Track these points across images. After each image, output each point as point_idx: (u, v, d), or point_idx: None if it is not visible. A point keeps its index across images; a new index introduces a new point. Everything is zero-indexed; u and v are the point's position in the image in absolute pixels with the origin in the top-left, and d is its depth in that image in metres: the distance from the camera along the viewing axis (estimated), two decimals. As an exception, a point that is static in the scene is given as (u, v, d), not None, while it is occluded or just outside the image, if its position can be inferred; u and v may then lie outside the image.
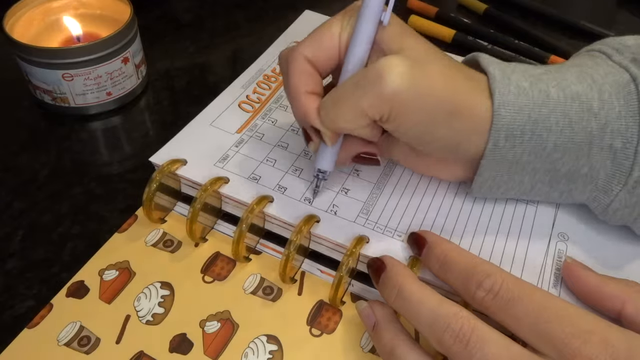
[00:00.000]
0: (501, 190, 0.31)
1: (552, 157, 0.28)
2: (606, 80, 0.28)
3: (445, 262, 0.27)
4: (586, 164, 0.28)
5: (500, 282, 0.24)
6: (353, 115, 0.27)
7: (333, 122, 0.28)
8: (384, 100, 0.26)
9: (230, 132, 0.36)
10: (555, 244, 0.31)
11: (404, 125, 0.27)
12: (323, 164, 0.31)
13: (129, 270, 0.31)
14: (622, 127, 0.27)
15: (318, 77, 0.29)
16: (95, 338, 0.28)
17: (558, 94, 0.27)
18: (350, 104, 0.27)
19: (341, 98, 0.27)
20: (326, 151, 0.30)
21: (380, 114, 0.26)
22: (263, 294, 0.30)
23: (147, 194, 0.32)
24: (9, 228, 0.34)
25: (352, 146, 0.31)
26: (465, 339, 0.23)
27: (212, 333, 0.29)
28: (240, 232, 0.30)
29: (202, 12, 0.53)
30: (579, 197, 0.31)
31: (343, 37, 0.29)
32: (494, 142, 0.27)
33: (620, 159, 0.28)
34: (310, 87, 0.29)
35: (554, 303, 0.24)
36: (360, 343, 0.29)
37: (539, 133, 0.27)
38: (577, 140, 0.28)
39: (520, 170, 0.29)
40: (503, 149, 0.28)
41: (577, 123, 0.27)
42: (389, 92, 0.25)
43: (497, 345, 0.23)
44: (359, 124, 0.28)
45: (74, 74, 0.38)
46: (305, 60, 0.29)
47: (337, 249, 0.31)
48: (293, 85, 0.29)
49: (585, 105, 0.27)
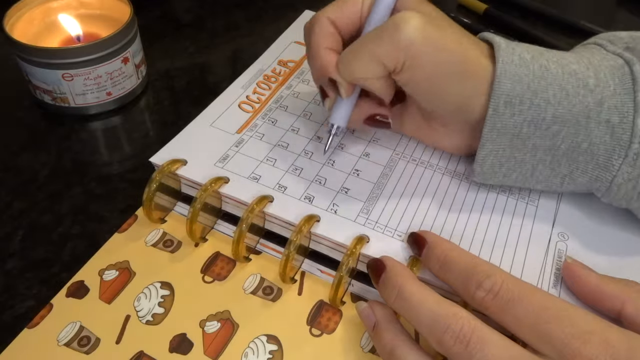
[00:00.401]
0: (503, 170, 0.31)
1: (551, 130, 0.29)
2: (602, 64, 0.29)
3: (445, 262, 0.27)
4: (585, 139, 0.29)
5: (500, 283, 0.24)
6: (369, 63, 0.29)
7: (350, 72, 0.30)
8: (399, 49, 0.28)
9: (230, 132, 0.36)
10: (555, 243, 0.31)
11: (416, 77, 0.29)
12: (337, 119, 0.32)
13: (129, 270, 0.31)
14: (617, 103, 0.28)
15: (338, 37, 0.31)
16: (95, 338, 0.28)
17: (557, 70, 0.29)
18: (367, 52, 0.29)
19: (359, 47, 0.29)
20: (341, 107, 0.32)
21: (395, 63, 0.28)
22: (263, 294, 0.30)
23: (147, 194, 0.32)
24: (9, 228, 0.34)
25: (366, 107, 0.33)
26: (465, 339, 0.23)
27: (212, 333, 0.29)
28: (240, 232, 0.30)
29: (202, 12, 0.53)
30: (581, 179, 0.31)
31: (366, 3, 0.31)
32: (494, 108, 0.28)
33: (619, 134, 0.28)
34: (329, 44, 0.31)
35: (554, 303, 0.24)
36: (360, 343, 0.29)
37: (537, 103, 0.28)
38: (575, 113, 0.28)
39: (521, 147, 0.30)
40: (503, 115, 0.28)
41: (574, 97, 0.28)
42: (404, 41, 0.27)
43: (497, 346, 0.23)
44: (374, 74, 0.29)
45: (74, 74, 0.38)
46: (328, 21, 0.31)
47: (338, 248, 0.31)
48: (314, 41, 0.31)
49: (582, 82, 0.28)
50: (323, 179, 0.34)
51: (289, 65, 0.43)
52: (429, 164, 0.35)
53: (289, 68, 0.43)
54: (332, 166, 0.35)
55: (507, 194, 0.34)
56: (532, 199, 0.34)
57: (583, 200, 0.34)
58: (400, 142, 0.37)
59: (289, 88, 0.41)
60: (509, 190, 0.34)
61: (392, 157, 0.36)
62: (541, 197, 0.34)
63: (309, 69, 0.42)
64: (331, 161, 0.35)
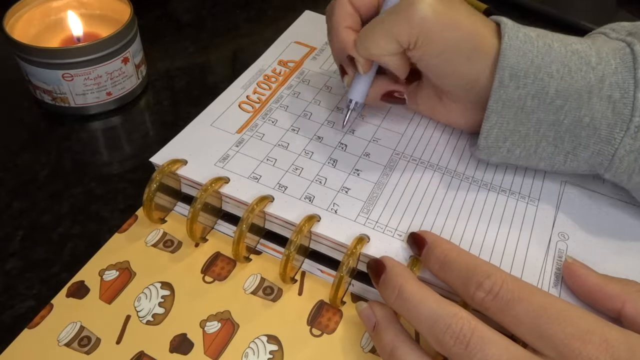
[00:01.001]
0: (507, 145, 0.32)
1: (554, 104, 0.30)
2: (604, 45, 0.31)
3: (445, 263, 0.27)
4: (587, 114, 0.30)
5: (500, 283, 0.24)
6: (385, 40, 0.30)
7: (367, 48, 0.31)
8: (413, 26, 0.29)
9: (230, 132, 0.36)
10: (555, 243, 0.31)
11: (429, 53, 0.30)
12: (355, 94, 0.35)
13: (129, 270, 0.31)
14: (619, 80, 0.29)
15: (357, 18, 0.34)
16: (96, 338, 0.28)
17: (560, 48, 0.30)
18: (382, 29, 0.30)
19: (376, 25, 0.31)
20: (359, 83, 0.34)
21: (409, 40, 0.30)
22: (263, 294, 0.30)
23: (148, 194, 0.32)
24: (9, 228, 0.34)
25: (383, 84, 0.35)
26: (465, 340, 0.23)
27: (212, 333, 0.29)
28: (240, 232, 0.30)
29: (202, 12, 0.53)
30: (583, 154, 0.31)
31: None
32: (499, 80, 0.30)
33: (620, 108, 0.29)
34: (349, 24, 0.33)
35: (554, 304, 0.24)
36: (360, 343, 0.29)
37: (540, 77, 0.29)
38: (577, 88, 0.29)
39: (525, 121, 0.31)
40: (508, 88, 0.30)
41: (576, 72, 0.29)
42: (418, 18, 0.29)
43: (497, 346, 0.23)
44: (390, 50, 0.31)
45: (74, 74, 0.38)
46: (348, 2, 0.33)
47: (338, 248, 0.31)
48: (335, 21, 0.33)
49: (584, 60, 0.30)
50: (323, 178, 0.34)
51: (289, 65, 0.43)
52: (429, 163, 0.35)
53: (289, 68, 0.43)
54: (333, 166, 0.35)
55: (507, 193, 0.34)
56: (532, 199, 0.34)
57: (583, 200, 0.34)
58: (400, 142, 0.37)
59: (289, 88, 0.41)
60: (509, 190, 0.34)
61: (392, 156, 0.36)
62: (541, 196, 0.34)
63: (309, 69, 0.42)
64: (332, 160, 0.35)
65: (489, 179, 0.35)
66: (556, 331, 0.23)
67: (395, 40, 0.30)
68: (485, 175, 0.35)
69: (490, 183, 0.34)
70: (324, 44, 0.45)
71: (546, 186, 0.35)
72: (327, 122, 0.38)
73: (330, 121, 0.38)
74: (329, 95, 0.40)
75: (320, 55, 0.44)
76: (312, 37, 0.46)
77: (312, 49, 0.45)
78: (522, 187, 0.34)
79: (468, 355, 0.23)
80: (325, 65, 0.43)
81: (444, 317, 0.24)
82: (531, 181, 0.35)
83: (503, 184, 0.34)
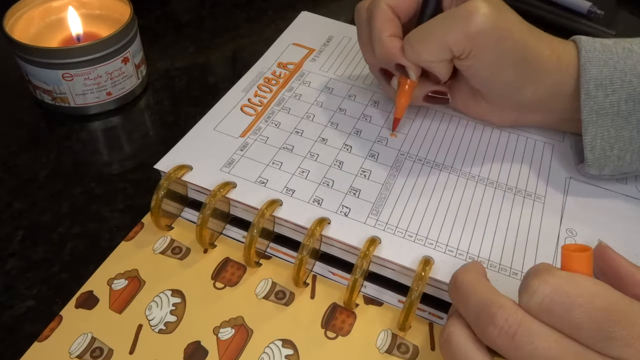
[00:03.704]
0: (615, 152, 0.32)
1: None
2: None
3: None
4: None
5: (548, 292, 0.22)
6: (438, 48, 0.30)
7: (417, 55, 0.31)
8: (469, 38, 0.29)
9: (234, 136, 0.36)
10: (564, 240, 0.32)
11: (478, 64, 0.31)
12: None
13: (138, 278, 0.31)
14: None
15: (398, 23, 0.33)
16: (108, 349, 0.28)
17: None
18: (437, 38, 0.30)
19: (429, 33, 0.31)
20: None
21: (462, 50, 0.30)
22: (275, 298, 0.30)
23: (156, 201, 0.31)
24: (9, 228, 0.33)
25: (425, 86, 0.35)
26: (511, 331, 0.21)
27: (226, 340, 0.28)
28: (251, 237, 0.30)
29: (202, 12, 0.53)
30: None
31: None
32: (585, 93, 0.30)
33: None
34: (391, 31, 0.33)
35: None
36: (376, 344, 0.29)
37: (628, 80, 0.30)
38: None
39: (624, 124, 0.31)
40: (596, 98, 0.31)
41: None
42: (474, 31, 0.29)
43: (547, 340, 0.21)
44: (440, 58, 0.31)
45: (74, 74, 0.38)
46: (388, 8, 0.33)
47: (350, 250, 0.31)
48: (377, 29, 0.33)
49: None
50: (331, 180, 0.34)
51: (289, 67, 0.43)
52: (434, 163, 0.35)
53: (288, 70, 0.42)
54: (339, 168, 0.35)
55: (513, 191, 0.34)
56: (539, 196, 0.34)
57: (589, 195, 0.34)
58: (405, 142, 0.37)
59: (290, 90, 0.40)
60: (515, 188, 0.34)
61: (398, 157, 0.36)
62: (547, 193, 0.34)
63: (309, 71, 0.42)
64: (338, 163, 0.35)
65: (494, 177, 0.35)
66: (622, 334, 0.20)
67: (448, 49, 0.30)
68: (491, 174, 0.35)
69: (497, 181, 0.35)
70: (323, 45, 0.45)
71: (551, 183, 0.35)
72: (330, 124, 0.38)
73: (333, 123, 0.38)
74: (330, 97, 0.40)
75: (320, 57, 0.44)
76: (311, 39, 0.46)
77: (311, 51, 0.44)
78: (527, 185, 0.35)
79: (515, 347, 0.21)
80: (325, 67, 0.43)
81: (489, 307, 0.22)
82: (536, 178, 0.35)
83: (509, 182, 0.35)
